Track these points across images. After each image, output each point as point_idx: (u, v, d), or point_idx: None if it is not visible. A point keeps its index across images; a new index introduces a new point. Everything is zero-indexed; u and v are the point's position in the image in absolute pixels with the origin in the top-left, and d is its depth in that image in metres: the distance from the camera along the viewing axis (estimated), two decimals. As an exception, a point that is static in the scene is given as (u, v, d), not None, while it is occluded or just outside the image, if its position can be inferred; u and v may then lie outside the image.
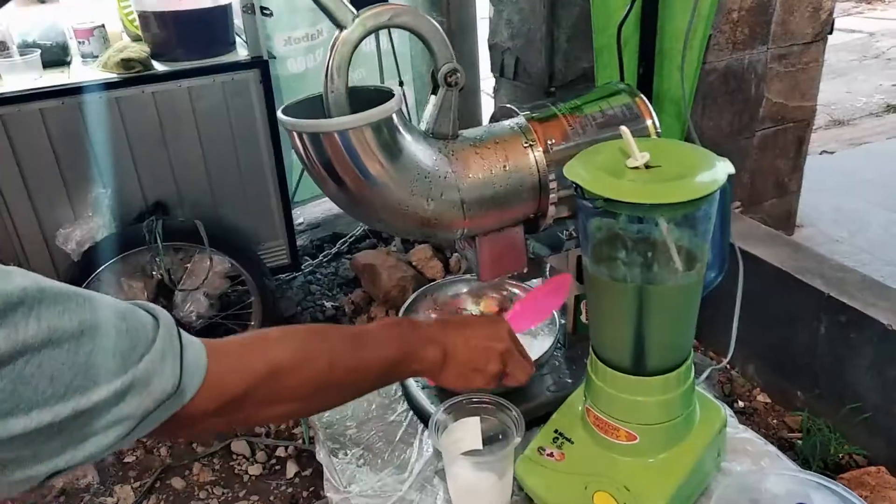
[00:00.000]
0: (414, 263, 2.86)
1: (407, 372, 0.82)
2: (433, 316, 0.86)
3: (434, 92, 0.89)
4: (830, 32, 2.50)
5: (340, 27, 0.80)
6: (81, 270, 2.08)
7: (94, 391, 0.49)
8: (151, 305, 0.58)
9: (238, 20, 2.31)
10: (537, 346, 1.13)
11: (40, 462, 0.48)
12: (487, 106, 3.19)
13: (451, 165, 0.89)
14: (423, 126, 0.91)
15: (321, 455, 1.07)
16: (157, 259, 2.13)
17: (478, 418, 0.94)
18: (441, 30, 0.87)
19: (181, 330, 0.59)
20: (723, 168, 0.77)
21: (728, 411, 1.00)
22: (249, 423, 0.72)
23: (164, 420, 0.56)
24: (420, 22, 0.85)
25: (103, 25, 2.34)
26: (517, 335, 0.94)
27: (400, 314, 1.15)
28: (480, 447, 0.93)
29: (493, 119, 1.03)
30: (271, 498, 2.05)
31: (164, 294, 2.24)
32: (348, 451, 1.05)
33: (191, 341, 0.59)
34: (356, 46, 0.82)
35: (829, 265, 2.05)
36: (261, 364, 0.64)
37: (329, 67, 0.81)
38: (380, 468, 1.01)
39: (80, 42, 2.32)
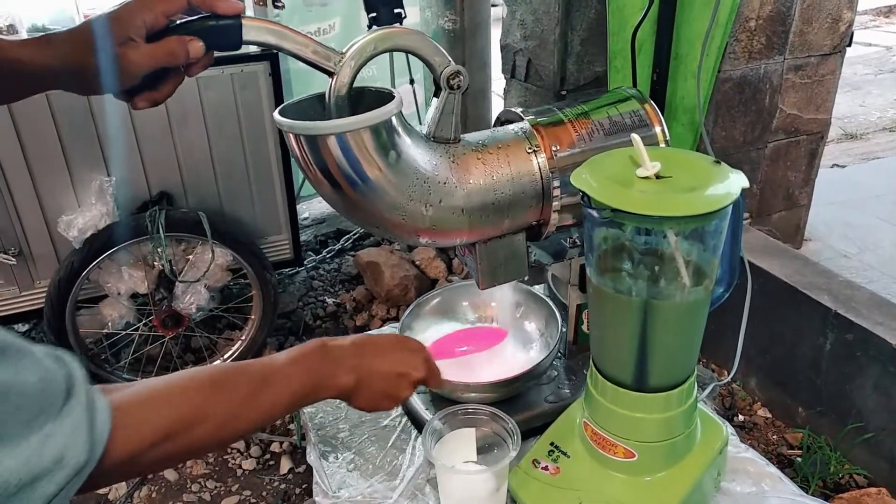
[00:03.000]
0: (417, 263, 2.84)
1: (317, 398, 0.80)
2: (351, 338, 0.84)
3: (436, 94, 0.87)
4: (849, 45, 2.47)
5: (330, 74, 0.79)
6: (82, 258, 2.07)
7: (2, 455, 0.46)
8: (71, 363, 0.55)
9: (250, 11, 2.30)
10: (533, 355, 1.10)
11: None
12: (498, 108, 3.16)
13: (452, 170, 0.87)
14: (424, 129, 0.88)
15: (312, 457, 1.05)
16: (159, 249, 2.12)
17: (473, 429, 0.92)
18: (429, 39, 0.85)
19: (93, 394, 0.56)
20: (737, 181, 0.75)
21: (729, 429, 0.98)
22: (129, 478, 0.70)
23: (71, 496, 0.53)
24: (405, 40, 0.83)
25: (114, 12, 2.33)
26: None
27: (402, 317, 1.13)
28: (475, 459, 0.91)
29: (498, 123, 1.01)
30: (264, 493, 2.03)
31: (164, 285, 2.23)
32: (339, 455, 1.03)
33: (100, 406, 0.56)
34: (352, 85, 0.81)
35: (838, 281, 2.02)
36: (157, 426, 0.62)
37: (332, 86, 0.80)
38: (371, 474, 0.99)
39: (90, 28, 2.31)
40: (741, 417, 2.16)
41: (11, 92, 0.74)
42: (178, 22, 0.73)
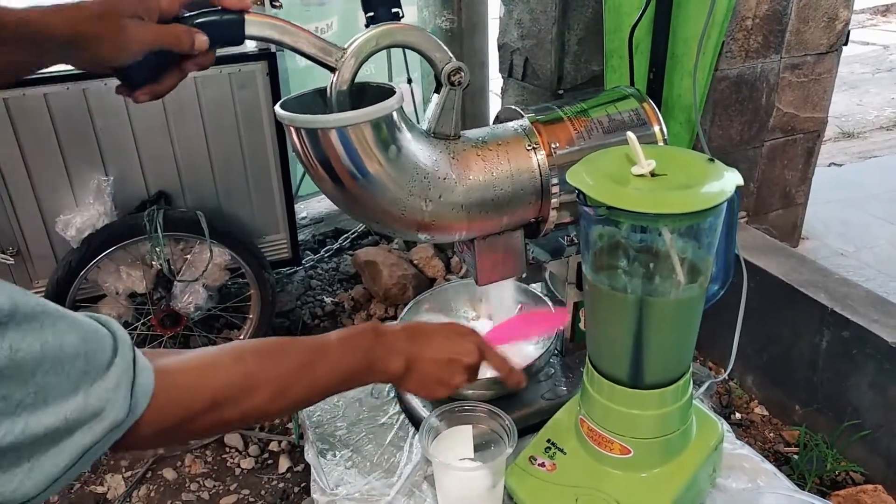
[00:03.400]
0: (415, 262, 2.85)
1: (367, 381, 0.81)
2: (402, 324, 0.84)
3: (437, 91, 0.87)
4: (845, 44, 2.47)
5: (332, 69, 0.80)
6: (81, 258, 2.07)
7: (45, 413, 0.48)
8: (115, 325, 0.57)
9: (247, 11, 2.30)
10: (531, 352, 1.11)
11: None
12: (496, 106, 3.17)
13: (452, 166, 0.87)
14: (424, 125, 0.89)
15: (309, 455, 1.05)
16: (157, 249, 2.12)
17: (470, 426, 0.92)
18: (430, 35, 0.85)
19: (137, 354, 0.57)
20: (731, 179, 0.75)
21: (725, 426, 0.99)
22: (184, 443, 0.71)
23: (106, 449, 0.55)
24: (407, 36, 0.84)
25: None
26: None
27: (401, 315, 1.13)
28: (472, 456, 0.92)
29: (498, 120, 1.02)
30: (262, 492, 2.03)
31: (162, 284, 2.23)
32: (337, 453, 1.03)
33: (144, 366, 0.58)
34: (353, 80, 0.81)
35: (834, 279, 2.03)
36: (205, 394, 0.63)
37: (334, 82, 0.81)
38: (368, 471, 1.00)
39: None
40: (738, 415, 2.17)
41: (17, 62, 0.73)
42: (185, 14, 0.74)
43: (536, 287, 1.31)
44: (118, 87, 0.77)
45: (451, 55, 0.85)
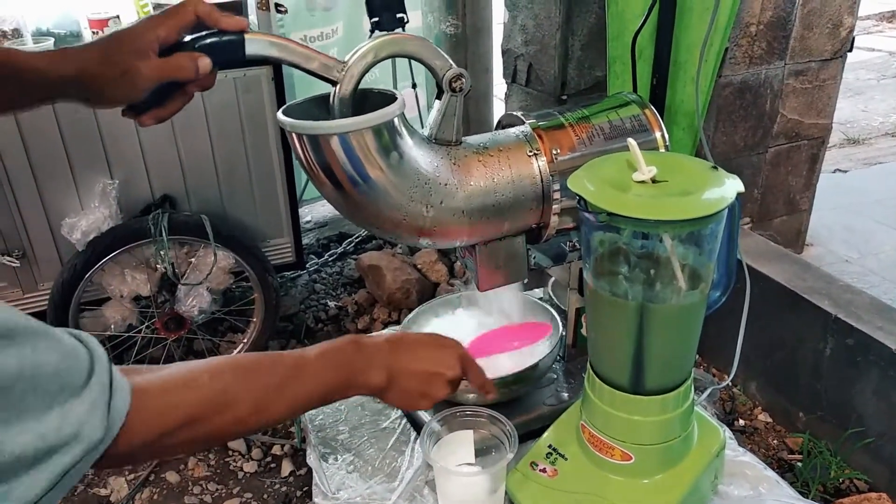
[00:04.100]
0: (419, 266, 2.85)
1: (348, 395, 0.81)
2: (385, 335, 0.84)
3: (438, 97, 0.88)
4: (850, 50, 2.47)
5: (333, 83, 0.81)
6: (85, 260, 2.08)
7: (20, 431, 0.48)
8: (93, 343, 0.56)
9: (253, 16, 2.31)
10: (535, 354, 1.11)
11: None
12: (499, 111, 3.17)
13: (453, 172, 0.88)
14: (426, 131, 0.89)
15: (311, 459, 1.06)
16: (162, 252, 2.13)
17: (471, 431, 0.92)
18: (430, 43, 0.86)
19: (114, 373, 0.57)
20: (732, 185, 0.75)
21: (727, 433, 0.98)
22: (162, 458, 0.70)
23: (85, 471, 0.55)
24: (407, 45, 0.84)
25: (118, 16, 2.35)
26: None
27: (403, 321, 1.14)
28: (473, 461, 0.92)
29: (499, 126, 1.02)
30: (265, 496, 2.04)
31: (167, 288, 2.24)
32: (339, 457, 1.04)
33: (120, 386, 0.57)
34: (355, 91, 0.82)
35: (838, 286, 2.02)
36: (181, 411, 0.63)
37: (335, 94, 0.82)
38: (370, 475, 1.00)
39: (94, 32, 2.32)
40: (741, 422, 2.16)
41: (27, 100, 0.77)
42: (185, 39, 0.76)
43: (538, 293, 1.31)
44: (124, 110, 0.79)
45: (452, 62, 0.85)
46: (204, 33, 0.76)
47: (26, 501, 0.49)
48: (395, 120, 0.81)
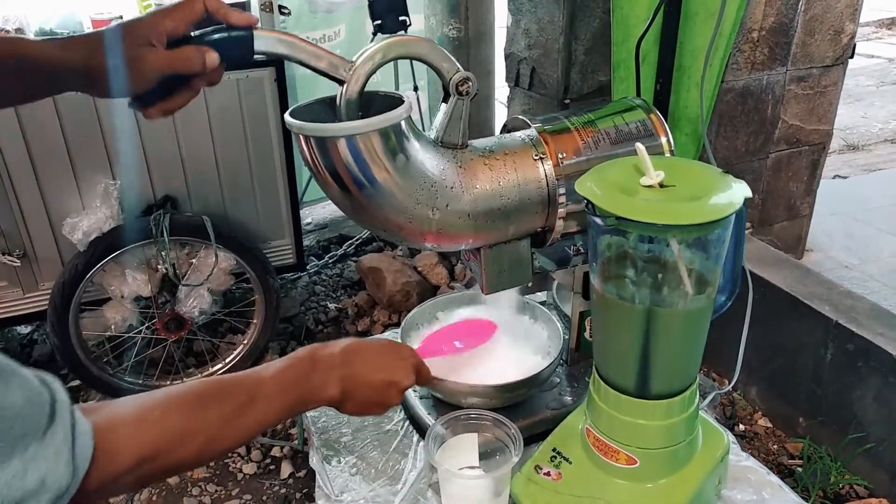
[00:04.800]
0: (419, 269, 2.85)
1: (305, 410, 0.82)
2: (342, 345, 0.84)
3: (445, 100, 0.88)
4: (851, 56, 2.48)
5: (340, 82, 0.81)
6: (86, 261, 2.07)
7: None
8: (56, 385, 0.54)
9: (255, 18, 2.31)
10: (536, 363, 1.11)
11: None
12: (501, 115, 3.17)
13: (459, 175, 0.88)
14: (432, 134, 0.90)
15: (314, 461, 1.05)
16: (163, 253, 2.13)
17: (475, 435, 0.92)
18: (438, 46, 0.86)
19: (76, 416, 0.56)
20: (739, 190, 0.75)
21: (731, 438, 0.99)
22: (128, 492, 0.69)
23: None
24: (415, 47, 0.84)
25: (121, 17, 2.35)
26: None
27: (402, 324, 1.14)
28: (477, 464, 0.92)
29: (505, 130, 1.02)
30: (264, 498, 2.03)
31: (167, 288, 2.24)
32: (342, 459, 1.03)
33: (82, 430, 0.56)
34: (362, 92, 0.82)
35: (839, 292, 2.03)
36: (142, 449, 0.62)
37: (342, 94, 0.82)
38: (373, 478, 1.00)
39: (97, 32, 2.32)
40: (742, 427, 2.16)
41: (36, 90, 0.76)
42: (193, 34, 0.75)
43: (542, 296, 1.32)
44: (130, 102, 0.79)
45: (459, 65, 0.86)
46: (212, 28, 0.76)
47: None
48: (402, 123, 0.81)
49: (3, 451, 0.47)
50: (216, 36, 0.75)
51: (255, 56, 0.77)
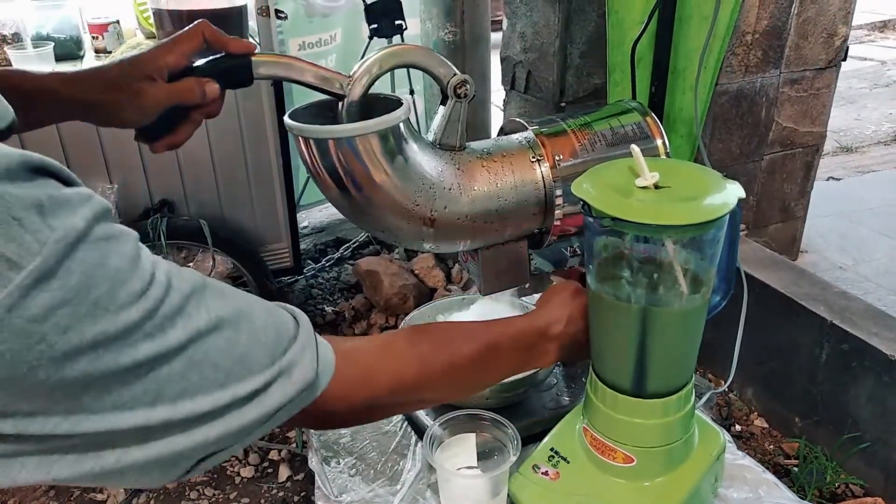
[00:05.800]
0: (416, 272, 2.86)
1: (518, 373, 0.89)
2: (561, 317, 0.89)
3: (443, 103, 0.88)
4: (844, 59, 2.50)
5: (339, 97, 0.82)
6: (83, 264, 2.07)
7: (248, 380, 0.51)
8: (290, 306, 0.61)
9: (253, 22, 2.32)
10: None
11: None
12: (497, 118, 3.18)
13: (457, 177, 0.88)
14: (430, 136, 0.90)
15: (313, 462, 1.06)
16: (161, 256, 2.13)
17: (473, 435, 0.93)
18: (433, 52, 0.87)
19: (316, 334, 0.61)
20: (733, 191, 0.76)
21: (727, 436, 0.99)
22: (378, 420, 0.88)
23: (297, 411, 0.58)
24: (410, 56, 0.85)
25: (118, 21, 2.35)
26: None
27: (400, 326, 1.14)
28: (475, 464, 0.92)
29: (502, 132, 1.03)
30: (262, 501, 2.03)
31: (164, 291, 2.24)
32: (341, 460, 1.04)
33: (323, 340, 0.61)
34: (364, 99, 0.83)
35: (833, 292, 2.04)
36: (385, 377, 0.68)
37: (342, 107, 0.83)
38: (372, 479, 1.00)
39: (94, 37, 2.33)
40: (738, 427, 2.17)
41: (39, 120, 0.78)
42: (194, 64, 0.77)
43: (538, 297, 1.32)
44: (136, 136, 0.81)
45: (456, 69, 0.86)
46: (211, 58, 0.78)
47: (240, 426, 0.51)
48: (401, 125, 0.82)
49: (264, 356, 0.53)
50: (216, 66, 0.77)
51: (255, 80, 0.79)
